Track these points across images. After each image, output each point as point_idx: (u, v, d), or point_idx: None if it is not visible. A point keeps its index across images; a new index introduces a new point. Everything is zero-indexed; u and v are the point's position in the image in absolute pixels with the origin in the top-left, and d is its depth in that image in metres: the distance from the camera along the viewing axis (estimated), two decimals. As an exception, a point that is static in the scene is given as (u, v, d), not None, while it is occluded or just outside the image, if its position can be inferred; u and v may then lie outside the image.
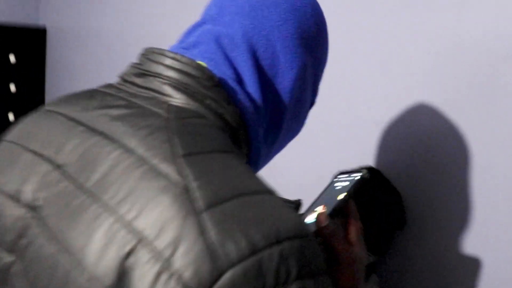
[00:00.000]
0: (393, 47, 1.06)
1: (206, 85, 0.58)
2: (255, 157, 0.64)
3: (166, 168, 0.47)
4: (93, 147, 0.51)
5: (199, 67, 0.58)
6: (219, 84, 0.59)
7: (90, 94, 0.60)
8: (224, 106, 0.58)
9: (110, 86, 0.61)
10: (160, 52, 0.59)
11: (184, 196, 0.44)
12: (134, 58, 1.81)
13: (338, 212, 0.65)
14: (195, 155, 0.48)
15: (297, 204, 0.93)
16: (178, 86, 0.57)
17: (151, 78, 0.58)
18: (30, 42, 2.52)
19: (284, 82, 0.65)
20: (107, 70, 1.98)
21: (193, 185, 0.45)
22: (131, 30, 1.83)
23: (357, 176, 0.67)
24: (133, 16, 1.82)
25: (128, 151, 0.49)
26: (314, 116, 1.24)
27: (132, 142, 0.50)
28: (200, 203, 0.44)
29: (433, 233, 0.99)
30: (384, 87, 1.07)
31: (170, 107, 0.55)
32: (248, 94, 0.62)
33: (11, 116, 2.51)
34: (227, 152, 0.52)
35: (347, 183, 0.68)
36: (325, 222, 0.62)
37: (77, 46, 2.22)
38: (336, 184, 0.71)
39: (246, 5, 0.66)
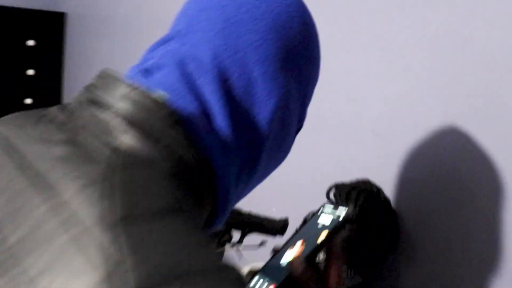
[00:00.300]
0: (398, 51, 1.00)
1: (165, 123, 0.50)
2: (223, 199, 0.55)
3: (100, 235, 0.38)
4: (20, 194, 0.44)
5: (157, 101, 0.50)
6: (180, 121, 0.50)
7: (38, 118, 0.53)
8: (185, 147, 0.50)
9: (63, 109, 0.53)
10: (115, 78, 0.52)
11: (117, 276, 0.36)
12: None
13: (316, 253, 0.59)
14: (135, 219, 0.40)
15: (284, 223, 0.97)
16: (132, 120, 0.49)
17: (102, 108, 0.50)
18: (50, 27, 2.52)
19: (262, 113, 0.56)
20: (125, 57, 1.97)
21: (128, 262, 0.37)
22: (152, 18, 1.81)
23: (342, 213, 0.61)
24: (154, 3, 1.78)
25: (60, 205, 0.41)
26: (314, 123, 1.19)
27: (67, 193, 0.41)
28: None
29: (427, 255, 0.95)
30: (386, 97, 1.02)
31: (118, 152, 0.46)
32: (216, 131, 0.53)
33: (28, 100, 2.53)
34: (177, 212, 0.43)
35: (331, 218, 0.62)
36: (300, 268, 0.55)
37: (97, 32, 2.22)
38: (320, 217, 0.64)
39: (220, 20, 0.56)
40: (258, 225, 0.97)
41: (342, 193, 0.98)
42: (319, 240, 0.59)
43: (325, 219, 0.63)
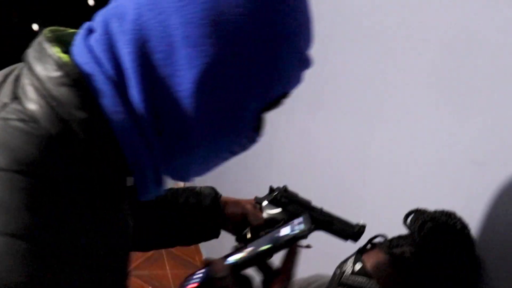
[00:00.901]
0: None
1: (58, 83, 0.50)
2: (137, 172, 0.55)
3: None
4: None
5: (59, 61, 0.51)
6: (76, 83, 0.50)
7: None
8: (71, 111, 0.50)
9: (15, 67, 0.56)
10: (51, 36, 0.54)
11: None
12: (339, 28, 1.48)
13: (248, 265, 0.59)
14: None
15: (359, 229, 0.89)
16: (37, 83, 0.51)
17: (29, 71, 0.53)
18: None
19: (184, 84, 0.51)
20: None
21: None
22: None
23: (299, 230, 0.60)
24: None
25: None
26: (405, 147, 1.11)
27: None
28: None
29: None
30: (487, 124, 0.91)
31: (6, 105, 0.51)
32: (125, 98, 0.52)
33: None
34: (19, 172, 0.46)
35: (289, 231, 0.61)
36: (219, 272, 0.56)
37: None
38: (285, 227, 0.63)
39: None
40: (328, 224, 0.90)
41: (418, 221, 0.90)
42: (257, 252, 0.58)
43: (286, 230, 0.61)
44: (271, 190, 0.94)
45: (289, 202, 0.91)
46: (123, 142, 0.52)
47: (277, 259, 0.65)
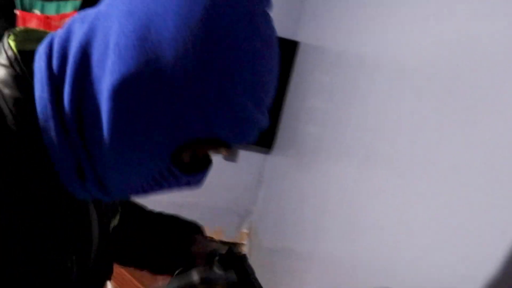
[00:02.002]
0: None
1: (0, 63, 0.56)
2: (60, 170, 0.56)
3: None
4: None
5: (5, 46, 0.56)
6: (12, 65, 0.55)
7: None
8: (1, 89, 0.54)
9: None
10: (17, 32, 0.59)
11: None
12: (384, 87, 1.48)
13: None
14: None
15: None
16: None
17: None
18: (281, 52, 2.62)
19: (103, 89, 0.52)
20: (353, 91, 1.80)
21: None
22: (389, 59, 1.52)
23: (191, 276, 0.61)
24: (394, 44, 1.49)
25: None
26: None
27: None
28: None
29: None
30: None
31: None
32: (57, 91, 0.54)
33: None
34: None
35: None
36: None
37: (325, 65, 2.19)
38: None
39: None
40: None
41: None
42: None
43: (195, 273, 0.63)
44: (230, 250, 0.86)
45: (235, 270, 0.81)
46: (46, 133, 0.54)
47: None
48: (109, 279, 0.81)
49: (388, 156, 1.37)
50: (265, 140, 3.04)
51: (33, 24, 2.74)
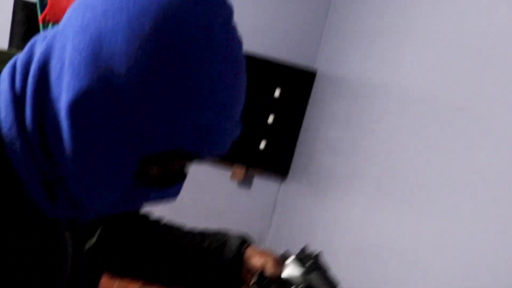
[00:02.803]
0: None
1: None
2: (32, 192, 0.56)
3: None
4: None
5: None
6: None
7: None
8: None
9: None
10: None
11: None
12: (400, 115, 1.47)
13: None
14: None
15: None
16: None
17: None
18: (298, 81, 2.77)
19: (62, 106, 0.52)
20: (366, 122, 1.81)
21: None
22: (407, 91, 1.50)
23: None
24: (414, 72, 1.46)
25: None
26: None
27: None
28: None
29: None
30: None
31: None
32: (20, 112, 0.54)
33: (262, 144, 2.90)
34: None
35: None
36: None
37: (343, 94, 2.20)
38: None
39: (74, 5, 0.54)
40: None
41: None
42: None
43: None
44: (303, 250, 0.86)
45: (313, 270, 0.81)
46: (12, 153, 0.54)
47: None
48: None
49: (397, 189, 1.37)
50: (280, 168, 3.05)
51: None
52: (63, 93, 0.51)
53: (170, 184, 0.61)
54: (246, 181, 3.21)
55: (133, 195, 0.59)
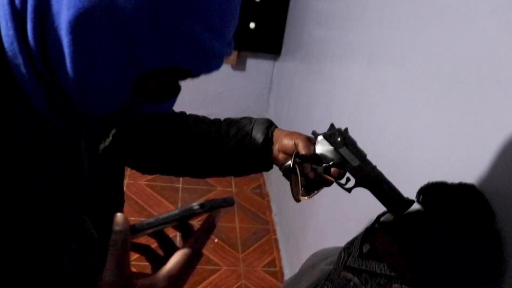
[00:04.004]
0: None
1: None
2: (36, 102, 0.59)
3: None
4: None
5: None
6: None
7: None
8: None
9: None
10: None
11: None
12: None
13: (147, 229, 0.57)
14: None
15: (406, 203, 0.82)
16: None
17: None
18: None
19: (63, 22, 0.54)
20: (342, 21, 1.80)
21: None
22: None
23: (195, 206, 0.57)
24: None
25: None
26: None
27: None
28: None
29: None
30: None
31: None
32: (20, 26, 0.55)
33: (252, 25, 2.89)
34: None
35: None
36: (118, 227, 0.56)
37: None
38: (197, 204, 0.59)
39: None
40: (376, 184, 0.82)
41: (429, 196, 0.83)
42: (159, 218, 0.57)
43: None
44: (331, 127, 0.90)
45: (344, 145, 0.86)
46: (15, 67, 0.56)
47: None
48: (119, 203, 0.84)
49: (392, 53, 1.38)
50: (272, 46, 3.02)
51: None
52: (64, 10, 0.52)
53: (165, 99, 0.65)
54: (239, 64, 3.21)
55: (130, 108, 0.62)
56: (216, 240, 2.67)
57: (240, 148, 0.91)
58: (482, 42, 0.93)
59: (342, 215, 1.68)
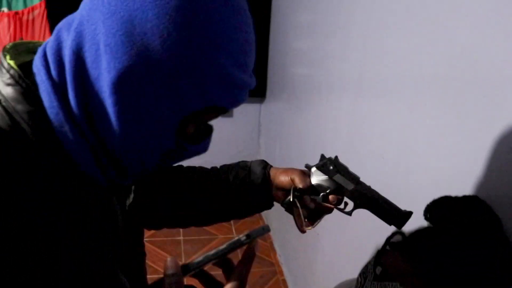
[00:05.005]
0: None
1: (5, 83, 0.59)
2: (84, 165, 0.61)
3: None
4: None
5: (7, 66, 0.60)
6: (17, 83, 0.59)
7: None
8: (14, 105, 0.58)
9: None
10: (9, 48, 0.63)
11: None
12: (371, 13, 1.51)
13: (196, 267, 0.61)
14: None
15: (405, 215, 0.85)
16: None
17: None
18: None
19: (105, 85, 0.57)
20: (330, 26, 1.80)
21: None
22: None
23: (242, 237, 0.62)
24: None
25: None
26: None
27: None
28: None
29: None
30: None
31: None
32: (62, 96, 0.59)
33: None
34: None
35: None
36: (169, 270, 0.59)
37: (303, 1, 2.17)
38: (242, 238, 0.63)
39: None
40: (374, 203, 0.86)
41: (435, 212, 0.86)
42: (209, 254, 0.61)
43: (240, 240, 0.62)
44: (322, 157, 0.94)
45: (337, 172, 0.90)
46: (62, 136, 0.59)
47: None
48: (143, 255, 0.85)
49: (380, 80, 1.42)
50: (257, 89, 3.08)
51: (4, 22, 2.72)
52: (104, 73, 0.56)
53: (201, 140, 0.68)
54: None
55: (174, 154, 0.65)
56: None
57: (241, 191, 0.95)
58: (474, 68, 0.97)
59: (346, 243, 1.68)
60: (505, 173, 0.83)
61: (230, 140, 3.40)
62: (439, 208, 0.84)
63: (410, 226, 0.86)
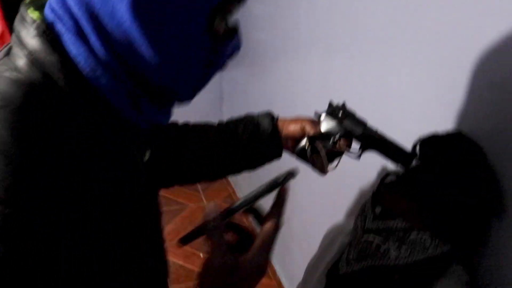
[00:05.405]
0: None
1: (32, 36, 0.59)
2: (107, 93, 0.61)
3: None
4: None
5: (31, 19, 0.60)
6: (44, 34, 0.59)
7: None
8: (44, 56, 0.58)
9: None
10: (28, 2, 0.63)
11: None
12: None
13: (236, 210, 0.64)
14: None
15: (411, 155, 0.91)
16: (16, 39, 0.61)
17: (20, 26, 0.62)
18: None
19: (122, 15, 0.57)
20: None
21: None
22: None
23: (281, 178, 0.64)
24: None
25: None
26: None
27: None
28: None
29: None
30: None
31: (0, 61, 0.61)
32: (84, 40, 0.59)
33: None
34: (6, 109, 0.54)
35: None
36: (210, 216, 0.62)
37: None
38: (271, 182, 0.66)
39: None
40: (382, 144, 0.93)
41: (421, 146, 0.91)
42: (246, 197, 0.63)
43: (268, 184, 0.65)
44: (330, 105, 0.98)
45: (346, 117, 0.95)
46: (96, 80, 0.60)
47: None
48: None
49: (349, 35, 1.46)
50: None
51: None
52: (117, 4, 0.56)
53: (233, 36, 0.69)
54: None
55: (213, 57, 0.66)
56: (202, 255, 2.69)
57: (251, 144, 0.98)
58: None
59: (321, 198, 1.75)
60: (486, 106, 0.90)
61: (191, 109, 3.38)
62: (427, 145, 0.91)
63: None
